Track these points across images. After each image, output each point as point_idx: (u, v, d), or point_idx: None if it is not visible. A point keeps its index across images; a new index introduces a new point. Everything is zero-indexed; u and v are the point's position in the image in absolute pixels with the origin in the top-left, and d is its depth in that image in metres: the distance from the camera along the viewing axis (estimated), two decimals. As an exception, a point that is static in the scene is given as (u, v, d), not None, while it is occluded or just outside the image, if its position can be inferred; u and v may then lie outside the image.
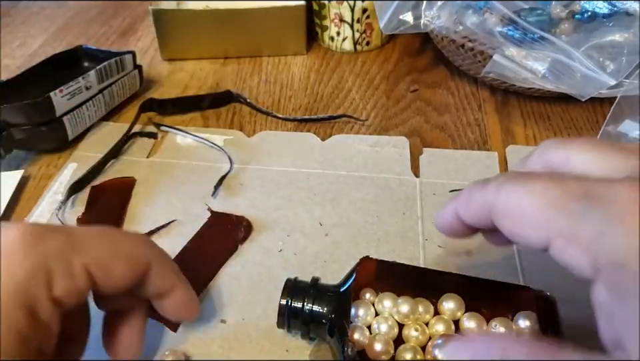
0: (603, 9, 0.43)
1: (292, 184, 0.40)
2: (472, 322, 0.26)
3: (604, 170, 0.19)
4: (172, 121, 0.48)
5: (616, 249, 0.17)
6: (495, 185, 0.21)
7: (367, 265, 0.28)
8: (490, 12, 0.44)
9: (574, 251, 0.18)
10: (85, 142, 0.45)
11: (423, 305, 0.27)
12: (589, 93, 0.40)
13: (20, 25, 0.66)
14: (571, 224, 0.18)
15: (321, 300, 0.28)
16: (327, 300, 0.28)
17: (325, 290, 0.29)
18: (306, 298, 0.28)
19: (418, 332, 0.26)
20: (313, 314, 0.28)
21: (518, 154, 0.42)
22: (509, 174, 0.21)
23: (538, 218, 0.19)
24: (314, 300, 0.28)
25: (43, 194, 0.40)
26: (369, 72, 0.54)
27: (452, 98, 0.50)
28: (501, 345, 0.18)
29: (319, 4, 0.55)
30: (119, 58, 0.47)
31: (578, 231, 0.18)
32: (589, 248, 0.18)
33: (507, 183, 0.20)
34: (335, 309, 0.28)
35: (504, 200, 0.20)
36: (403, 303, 0.26)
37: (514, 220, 0.20)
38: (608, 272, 0.17)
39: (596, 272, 0.17)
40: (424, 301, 0.27)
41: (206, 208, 0.38)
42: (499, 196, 0.20)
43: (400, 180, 0.40)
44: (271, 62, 0.56)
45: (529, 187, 0.19)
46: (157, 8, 0.53)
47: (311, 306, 0.28)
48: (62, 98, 0.42)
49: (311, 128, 0.46)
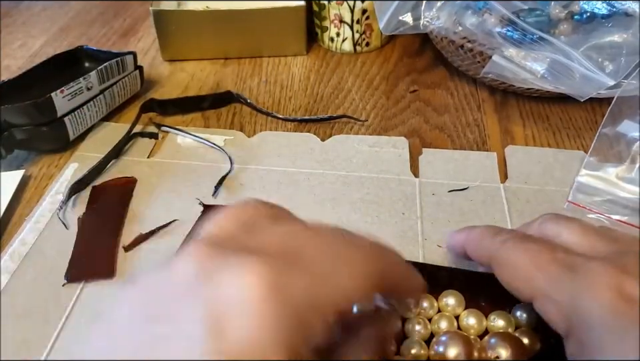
0: (601, 10, 0.43)
1: (292, 184, 0.40)
2: (471, 318, 0.26)
3: (585, 249, 0.23)
4: (172, 121, 0.48)
5: (584, 311, 0.20)
6: (502, 240, 0.24)
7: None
8: (489, 12, 0.44)
9: (551, 309, 0.22)
10: (86, 142, 0.46)
11: (427, 300, 0.27)
12: (588, 93, 0.40)
13: (21, 26, 0.66)
14: (551, 285, 0.22)
15: None
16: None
17: None
18: None
19: (421, 325, 0.26)
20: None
21: (517, 155, 0.42)
22: (516, 233, 0.25)
23: (526, 275, 0.23)
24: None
25: (44, 194, 0.41)
26: (368, 73, 0.54)
27: (451, 98, 0.50)
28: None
29: (319, 5, 0.55)
30: (119, 58, 0.47)
31: (555, 293, 0.22)
32: (563, 309, 0.21)
33: (510, 241, 0.24)
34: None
35: (504, 254, 0.24)
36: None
37: (508, 272, 0.24)
38: (577, 330, 0.21)
39: (568, 329, 0.21)
40: (428, 296, 0.27)
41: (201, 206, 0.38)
42: (501, 250, 0.24)
43: (399, 180, 0.40)
44: (271, 63, 0.56)
45: (526, 248, 0.23)
46: (158, 9, 0.53)
47: None
48: (63, 99, 0.42)
49: (310, 129, 0.46)
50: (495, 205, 0.38)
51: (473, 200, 0.38)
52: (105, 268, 0.35)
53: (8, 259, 0.35)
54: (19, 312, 0.32)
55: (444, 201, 0.39)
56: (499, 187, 0.39)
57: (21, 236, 0.37)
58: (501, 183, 0.40)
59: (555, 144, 0.44)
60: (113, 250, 0.36)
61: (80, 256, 0.36)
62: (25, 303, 0.33)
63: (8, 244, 0.37)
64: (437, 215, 0.38)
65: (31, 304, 0.33)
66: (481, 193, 0.39)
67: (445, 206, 0.38)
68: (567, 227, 0.24)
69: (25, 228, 0.38)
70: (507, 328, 0.26)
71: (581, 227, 0.24)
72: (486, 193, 0.39)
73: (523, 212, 0.37)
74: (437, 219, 0.37)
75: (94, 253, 0.36)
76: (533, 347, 0.25)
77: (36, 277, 0.34)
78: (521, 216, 0.37)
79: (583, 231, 0.24)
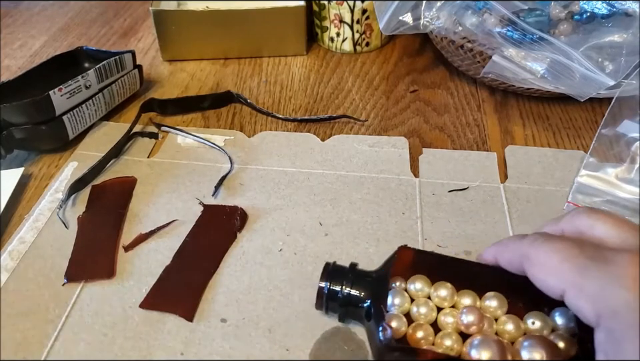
0: (601, 10, 0.43)
1: (292, 184, 0.40)
2: (510, 324, 0.26)
3: (616, 241, 0.24)
4: (172, 121, 0.48)
5: (613, 301, 0.21)
6: (531, 240, 0.25)
7: (405, 254, 0.29)
8: (489, 13, 0.44)
9: (582, 300, 0.22)
10: (86, 141, 0.46)
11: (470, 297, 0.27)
12: (587, 93, 0.40)
13: (21, 26, 0.66)
14: (581, 277, 0.22)
15: (359, 284, 0.29)
16: (365, 285, 0.29)
17: (364, 275, 0.29)
18: (344, 282, 0.29)
19: (453, 317, 0.26)
20: (351, 298, 0.28)
21: (517, 155, 0.42)
22: (544, 233, 0.26)
23: (557, 270, 0.23)
24: (352, 283, 0.29)
25: (44, 193, 0.41)
26: (368, 73, 0.54)
27: (451, 98, 0.50)
28: None
29: (319, 5, 0.55)
30: (118, 57, 0.47)
31: (585, 284, 0.22)
32: (592, 299, 0.22)
33: (540, 239, 0.25)
34: (372, 293, 0.28)
35: (535, 252, 0.25)
36: (440, 287, 0.27)
37: (540, 269, 0.24)
38: (606, 319, 0.21)
39: (597, 318, 0.22)
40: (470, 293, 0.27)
41: (201, 206, 0.38)
42: (532, 248, 0.25)
43: (399, 180, 0.40)
44: (271, 63, 0.56)
45: (556, 245, 0.24)
46: (158, 9, 0.53)
47: (349, 289, 0.29)
48: (61, 97, 0.42)
49: (310, 129, 0.46)
50: (495, 205, 0.38)
51: (473, 200, 0.38)
52: (104, 268, 0.34)
53: (7, 257, 0.35)
54: (18, 310, 0.32)
55: (444, 201, 0.39)
56: (499, 187, 0.39)
57: (20, 234, 0.37)
58: (501, 183, 0.40)
59: (555, 144, 0.44)
60: (113, 250, 0.36)
61: (80, 256, 0.36)
62: (24, 302, 0.33)
63: (7, 243, 0.36)
64: (437, 215, 0.37)
65: (31, 302, 0.33)
66: (480, 193, 0.39)
67: (445, 206, 0.38)
68: (601, 220, 0.25)
69: (24, 227, 0.38)
70: (542, 329, 0.26)
71: (614, 220, 0.25)
72: (486, 193, 0.39)
73: (523, 212, 0.37)
74: (437, 219, 0.37)
75: (94, 253, 0.36)
76: (569, 352, 0.25)
77: (35, 276, 0.34)
78: (520, 216, 0.37)
79: (617, 224, 0.25)
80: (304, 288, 0.33)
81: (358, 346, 0.30)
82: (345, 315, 0.30)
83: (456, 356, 0.25)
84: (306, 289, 0.33)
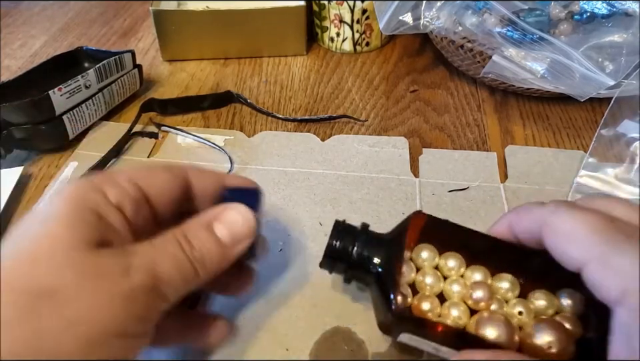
0: (601, 10, 0.43)
1: (292, 184, 0.40)
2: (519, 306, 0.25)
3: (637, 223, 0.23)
4: (172, 121, 0.48)
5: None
6: (553, 206, 0.24)
7: (419, 219, 0.27)
8: (489, 12, 0.44)
9: (606, 274, 0.21)
10: (86, 141, 0.46)
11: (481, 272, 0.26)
12: (588, 93, 0.40)
13: (21, 26, 0.66)
14: (609, 250, 0.21)
15: (371, 246, 0.27)
16: (378, 248, 0.27)
17: (377, 238, 0.28)
18: (356, 243, 0.27)
19: (460, 286, 0.25)
20: (362, 260, 0.27)
21: (517, 155, 0.42)
22: (567, 201, 0.24)
23: (582, 239, 0.22)
24: (364, 245, 0.27)
25: (44, 193, 0.41)
26: (368, 73, 0.54)
27: (451, 98, 0.50)
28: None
29: (319, 5, 0.55)
30: (118, 57, 0.47)
31: (613, 258, 0.21)
32: (620, 274, 0.20)
33: (564, 206, 0.23)
34: (385, 258, 0.27)
35: (557, 220, 0.23)
36: (450, 257, 0.26)
37: (561, 237, 0.23)
38: (634, 296, 0.20)
39: (622, 295, 0.20)
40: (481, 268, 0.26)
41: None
42: (554, 215, 0.23)
43: (399, 180, 0.40)
44: (271, 63, 0.56)
45: (583, 214, 0.22)
46: (158, 9, 0.53)
47: (360, 250, 0.27)
48: (61, 97, 0.42)
49: (311, 129, 0.46)
50: (495, 205, 0.38)
51: (473, 200, 0.38)
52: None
53: (7, 258, 0.35)
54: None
55: (444, 201, 0.39)
56: (499, 187, 0.39)
57: (21, 235, 0.37)
58: (501, 183, 0.40)
59: (555, 144, 0.44)
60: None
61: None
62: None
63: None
64: (437, 215, 0.37)
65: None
66: (480, 193, 0.39)
67: (445, 206, 0.38)
68: (620, 203, 0.24)
69: (24, 228, 0.38)
70: (547, 308, 0.25)
71: (633, 205, 0.24)
72: (486, 193, 0.39)
73: (523, 212, 0.37)
74: (437, 219, 0.37)
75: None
76: (575, 334, 0.24)
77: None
78: (521, 216, 0.37)
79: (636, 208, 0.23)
80: (304, 288, 0.33)
81: (358, 345, 0.30)
82: (351, 277, 0.28)
83: (463, 328, 0.24)
84: (306, 289, 0.33)
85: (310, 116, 0.48)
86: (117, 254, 0.22)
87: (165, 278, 0.22)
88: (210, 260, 0.24)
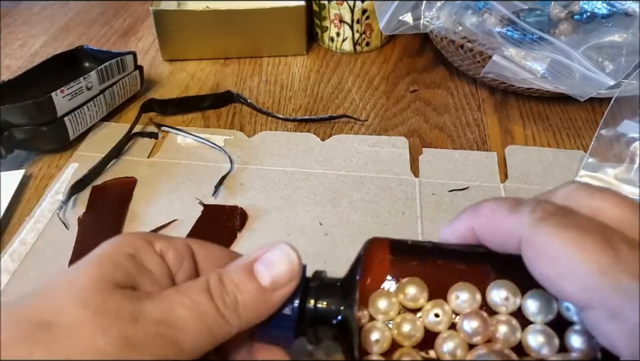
0: (601, 10, 0.43)
1: (292, 184, 0.41)
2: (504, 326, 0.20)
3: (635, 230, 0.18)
4: (172, 121, 0.48)
5: None
6: (532, 216, 0.19)
7: (378, 247, 0.23)
8: (489, 12, 0.44)
9: (616, 328, 0.17)
10: (86, 142, 0.46)
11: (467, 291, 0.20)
12: (587, 93, 0.40)
13: (21, 25, 0.66)
14: (622, 302, 0.17)
15: (325, 295, 0.23)
16: (331, 294, 0.23)
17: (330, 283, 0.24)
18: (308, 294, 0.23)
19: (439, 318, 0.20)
20: (317, 314, 0.23)
21: (517, 155, 0.42)
22: (546, 205, 0.19)
23: (584, 278, 0.17)
24: (317, 296, 0.23)
25: (44, 194, 0.41)
26: (368, 73, 0.54)
27: (451, 98, 0.50)
28: None
29: (319, 5, 0.55)
30: (119, 58, 0.47)
31: (628, 312, 0.17)
32: (635, 333, 0.16)
33: (548, 220, 0.18)
34: (341, 303, 0.22)
35: (544, 241, 0.18)
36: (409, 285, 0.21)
37: (553, 267, 0.18)
38: None
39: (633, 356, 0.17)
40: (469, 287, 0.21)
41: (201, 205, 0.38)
42: (538, 234, 0.18)
43: (399, 180, 0.40)
44: (271, 63, 0.56)
45: (577, 239, 0.17)
46: (158, 9, 0.53)
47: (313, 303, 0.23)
48: (63, 99, 0.42)
49: (311, 129, 0.46)
50: (495, 205, 0.38)
51: (472, 200, 0.39)
52: (105, 268, 0.34)
53: (8, 259, 0.35)
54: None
55: (444, 201, 0.39)
56: (499, 187, 0.40)
57: (21, 236, 0.37)
58: (501, 183, 0.40)
59: (555, 144, 0.44)
60: (113, 250, 0.36)
61: (80, 256, 0.35)
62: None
63: (8, 244, 0.37)
64: (437, 215, 0.38)
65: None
66: (481, 193, 0.39)
67: (445, 206, 0.38)
68: (606, 200, 0.19)
69: (24, 228, 0.38)
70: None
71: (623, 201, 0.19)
72: (486, 193, 0.39)
73: (523, 212, 0.37)
74: (437, 219, 0.37)
75: (94, 253, 0.36)
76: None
77: (36, 277, 0.34)
78: (520, 216, 0.37)
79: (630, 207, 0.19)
80: (304, 288, 0.33)
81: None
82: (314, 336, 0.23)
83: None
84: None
85: (310, 116, 0.48)
86: (133, 297, 0.20)
87: (180, 326, 0.20)
88: (245, 307, 0.21)
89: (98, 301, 0.20)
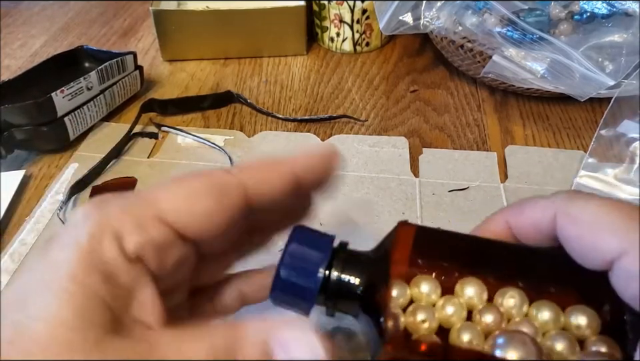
0: (601, 10, 0.43)
1: (292, 184, 0.40)
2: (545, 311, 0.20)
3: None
4: (173, 121, 0.48)
5: None
6: (566, 196, 0.21)
7: (406, 231, 0.23)
8: (489, 12, 0.44)
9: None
10: (86, 142, 0.46)
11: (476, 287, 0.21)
12: (587, 93, 0.40)
13: (21, 26, 0.66)
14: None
15: (352, 267, 0.22)
16: (360, 268, 0.22)
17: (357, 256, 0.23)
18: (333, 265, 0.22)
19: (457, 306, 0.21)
20: (341, 285, 0.22)
21: (517, 155, 0.42)
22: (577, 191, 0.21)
23: (618, 225, 0.19)
24: (343, 267, 0.22)
25: (44, 194, 0.41)
26: (368, 73, 0.54)
27: (451, 98, 0.50)
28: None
29: (319, 5, 0.55)
30: (120, 58, 0.47)
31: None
32: None
33: (579, 195, 0.20)
34: (370, 279, 0.22)
35: (582, 205, 0.20)
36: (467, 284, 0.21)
37: (588, 227, 0.19)
38: None
39: None
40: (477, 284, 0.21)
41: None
42: (573, 204, 0.20)
43: (399, 180, 0.40)
44: (271, 63, 0.56)
45: (607, 201, 0.20)
46: (158, 9, 0.53)
47: (338, 274, 0.22)
48: (63, 99, 0.42)
49: (311, 129, 0.46)
50: (495, 205, 0.38)
51: (472, 200, 0.39)
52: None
53: (8, 259, 0.35)
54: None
55: (444, 201, 0.39)
56: (499, 187, 0.40)
57: (21, 236, 0.37)
58: (501, 183, 0.40)
59: (555, 144, 0.44)
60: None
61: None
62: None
63: (8, 244, 0.37)
64: (437, 215, 0.38)
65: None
66: (481, 193, 0.39)
67: (445, 206, 0.38)
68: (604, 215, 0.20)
69: (25, 229, 0.38)
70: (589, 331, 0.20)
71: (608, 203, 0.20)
72: (486, 193, 0.39)
73: (523, 212, 0.37)
74: (437, 219, 0.37)
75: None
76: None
77: (36, 277, 0.34)
78: (520, 216, 0.37)
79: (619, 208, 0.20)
80: (304, 289, 0.33)
81: (358, 346, 0.30)
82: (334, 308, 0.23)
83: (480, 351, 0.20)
84: (306, 289, 0.33)
85: (310, 116, 0.48)
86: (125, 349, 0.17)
87: None
88: None
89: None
